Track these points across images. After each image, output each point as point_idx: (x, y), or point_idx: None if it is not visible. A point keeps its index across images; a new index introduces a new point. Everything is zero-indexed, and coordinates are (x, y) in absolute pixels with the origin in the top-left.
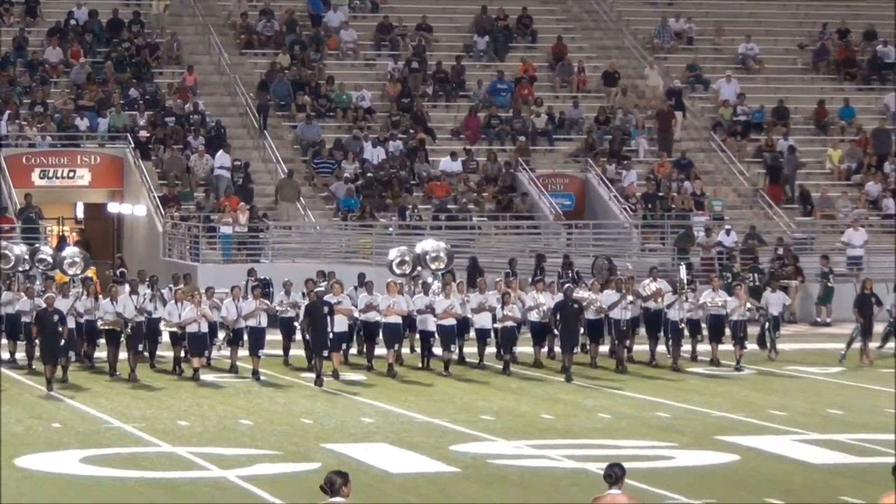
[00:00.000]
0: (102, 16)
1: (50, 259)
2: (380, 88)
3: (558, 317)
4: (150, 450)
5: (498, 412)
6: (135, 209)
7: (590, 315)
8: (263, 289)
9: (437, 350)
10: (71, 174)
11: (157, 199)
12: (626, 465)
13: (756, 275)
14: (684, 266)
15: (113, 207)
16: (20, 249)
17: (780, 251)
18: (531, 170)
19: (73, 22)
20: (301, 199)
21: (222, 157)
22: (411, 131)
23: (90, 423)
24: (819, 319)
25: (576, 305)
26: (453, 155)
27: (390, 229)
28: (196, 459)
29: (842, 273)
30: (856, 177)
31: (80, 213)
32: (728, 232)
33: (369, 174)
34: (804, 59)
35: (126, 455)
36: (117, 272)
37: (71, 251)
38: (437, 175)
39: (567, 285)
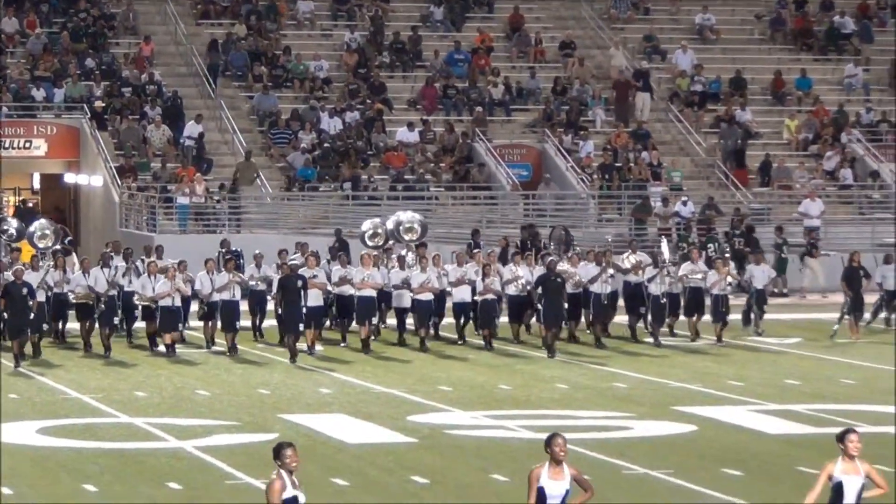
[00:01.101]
0: None
1: (14, 231)
2: (337, 59)
3: (540, 290)
4: (107, 420)
5: (455, 383)
6: (91, 179)
7: (568, 289)
8: (236, 261)
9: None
10: (27, 145)
11: (114, 170)
12: (583, 435)
13: (714, 245)
14: (665, 240)
15: (69, 178)
16: None
17: (737, 221)
18: (488, 140)
19: None
20: (260, 176)
21: (192, 128)
22: (368, 101)
23: (47, 393)
24: (776, 290)
25: (559, 279)
26: (410, 125)
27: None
28: (153, 430)
29: (797, 244)
30: (813, 147)
31: (36, 184)
32: (685, 202)
33: (326, 144)
34: (761, 30)
35: (83, 426)
36: (65, 241)
37: (40, 223)
38: (394, 145)
39: (550, 258)
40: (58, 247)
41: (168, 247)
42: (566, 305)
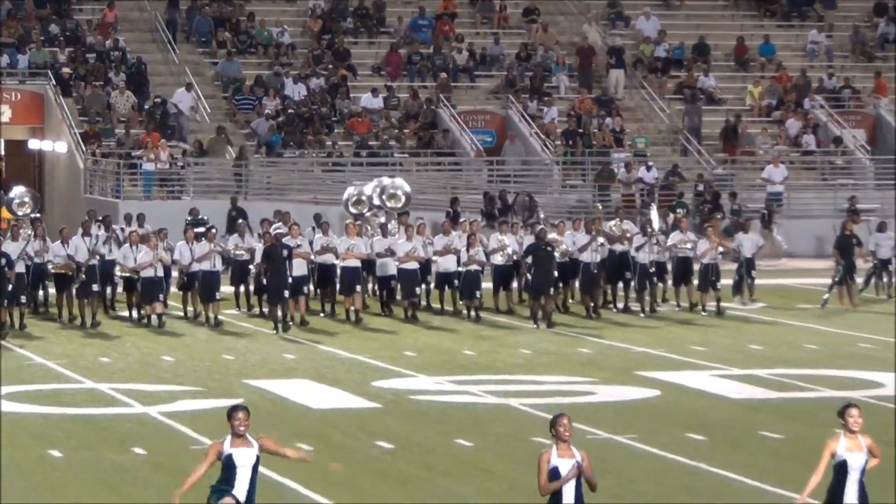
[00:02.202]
0: None
1: None
2: (301, 25)
3: (530, 260)
4: (73, 386)
5: (420, 348)
6: (56, 146)
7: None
8: (208, 230)
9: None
10: None
11: (78, 136)
12: (546, 400)
13: (683, 210)
14: (655, 207)
15: (34, 144)
16: None
17: (701, 188)
18: (452, 106)
19: None
20: (229, 148)
21: (181, 95)
22: (332, 68)
23: (12, 359)
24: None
25: (549, 248)
26: (374, 91)
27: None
28: (118, 396)
29: (758, 209)
30: (776, 113)
31: (0, 150)
32: (649, 168)
33: (290, 111)
34: None
35: (48, 391)
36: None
37: (19, 190)
38: (359, 112)
39: (540, 227)
40: (36, 214)
41: (133, 214)
42: (556, 274)
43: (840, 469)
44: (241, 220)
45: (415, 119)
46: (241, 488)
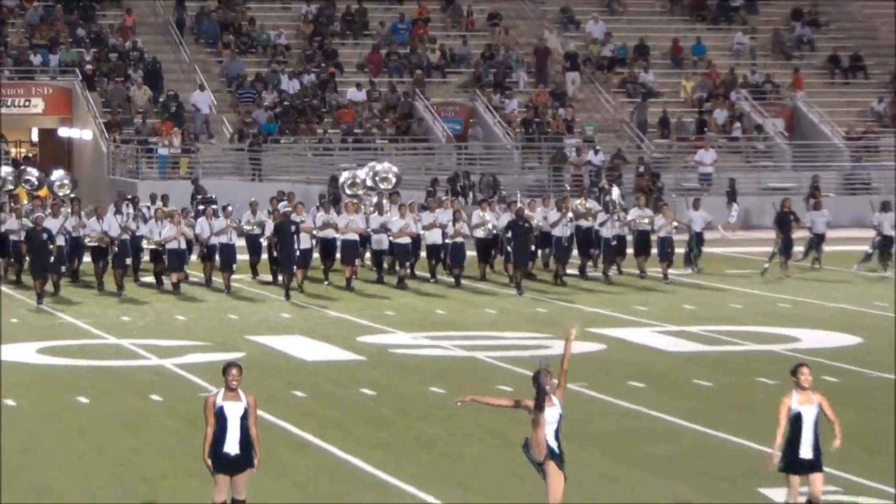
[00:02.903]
0: None
1: (35, 180)
2: (295, 28)
3: (510, 234)
4: (98, 342)
5: (399, 308)
6: (82, 133)
7: None
8: (224, 207)
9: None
10: (27, 103)
11: (102, 125)
12: (508, 353)
13: (619, 188)
14: (616, 188)
15: (63, 132)
16: (4, 171)
17: (642, 169)
18: (426, 99)
19: None
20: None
21: (200, 97)
22: (322, 66)
23: (45, 319)
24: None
25: (526, 224)
26: (359, 86)
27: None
28: (137, 350)
29: (695, 188)
30: (706, 105)
31: (35, 137)
32: (596, 152)
33: (286, 103)
34: (661, 2)
35: (77, 346)
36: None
37: (60, 173)
38: (345, 103)
39: (519, 206)
40: (74, 195)
41: (149, 191)
42: (532, 247)
43: (795, 421)
44: (253, 199)
45: (393, 110)
46: (232, 439)
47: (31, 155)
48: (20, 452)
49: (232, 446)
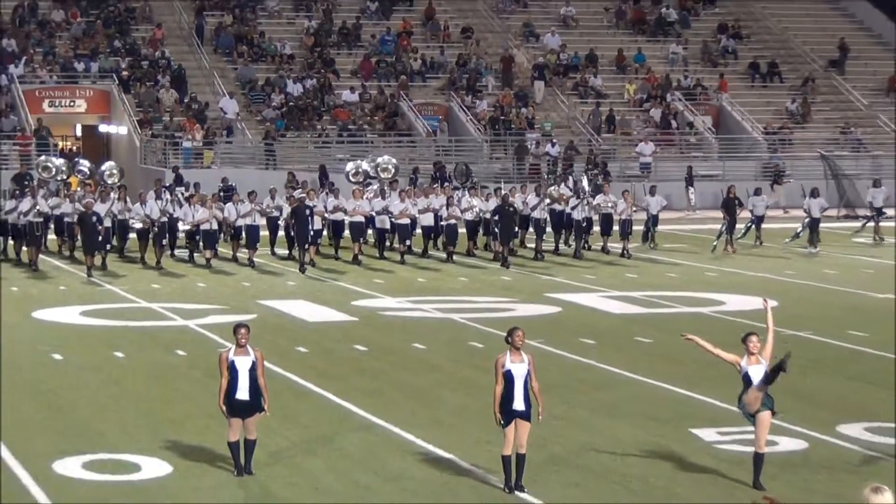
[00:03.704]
0: None
1: (87, 170)
2: (298, 40)
3: (497, 217)
4: (131, 305)
5: (385, 277)
6: (119, 129)
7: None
8: (228, 192)
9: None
10: (71, 104)
11: (136, 122)
12: (477, 315)
13: (588, 177)
14: (586, 176)
15: (103, 128)
16: (59, 161)
17: (592, 158)
18: (409, 100)
19: None
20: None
21: (228, 103)
22: (322, 72)
23: (88, 286)
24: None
25: (511, 208)
26: (352, 89)
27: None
28: (164, 312)
29: (636, 175)
30: (646, 104)
31: (78, 133)
32: (553, 145)
33: (291, 103)
34: (608, 18)
35: (114, 309)
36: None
37: (109, 164)
38: (341, 104)
39: (505, 193)
40: (121, 182)
41: (173, 180)
42: (516, 228)
43: (746, 379)
44: (272, 186)
45: (382, 109)
46: (243, 389)
47: (75, 148)
48: (67, 398)
49: (242, 394)
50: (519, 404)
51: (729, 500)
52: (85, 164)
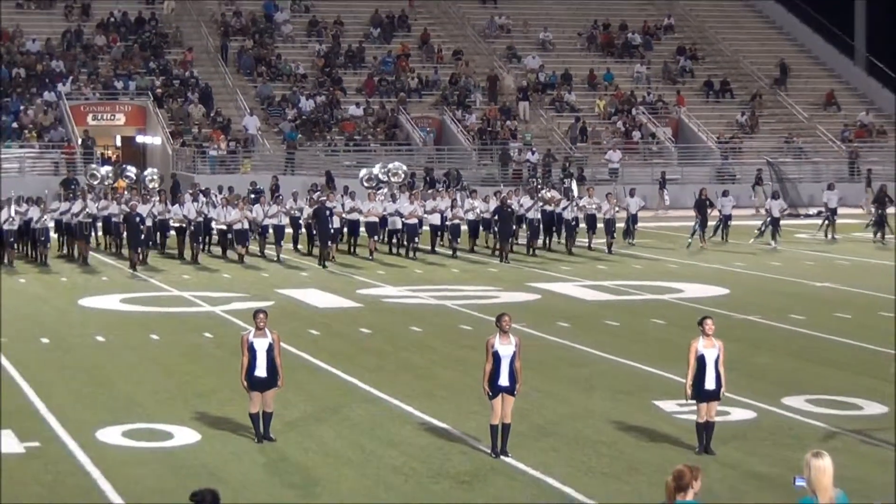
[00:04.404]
0: (131, 14)
1: (133, 175)
2: (310, 62)
3: (496, 218)
4: (165, 294)
5: (387, 268)
6: (153, 140)
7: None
8: (257, 195)
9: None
10: (112, 117)
11: (168, 133)
12: (467, 301)
13: (576, 182)
14: (575, 181)
15: (139, 139)
16: (105, 169)
17: (567, 165)
18: (407, 114)
19: (112, 18)
20: (264, 142)
21: (250, 120)
22: (331, 89)
23: (126, 277)
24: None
25: (510, 209)
26: (357, 104)
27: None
28: (194, 299)
29: (606, 179)
30: (614, 117)
31: (118, 143)
32: (533, 153)
33: (304, 117)
34: (581, 42)
35: (150, 297)
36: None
37: (151, 170)
38: (348, 118)
39: (503, 195)
40: (162, 187)
41: (203, 183)
42: (514, 227)
43: (700, 361)
44: (294, 190)
45: (383, 122)
46: (261, 366)
47: (115, 156)
48: (108, 375)
49: (261, 371)
50: (504, 380)
51: (686, 464)
52: (132, 171)
